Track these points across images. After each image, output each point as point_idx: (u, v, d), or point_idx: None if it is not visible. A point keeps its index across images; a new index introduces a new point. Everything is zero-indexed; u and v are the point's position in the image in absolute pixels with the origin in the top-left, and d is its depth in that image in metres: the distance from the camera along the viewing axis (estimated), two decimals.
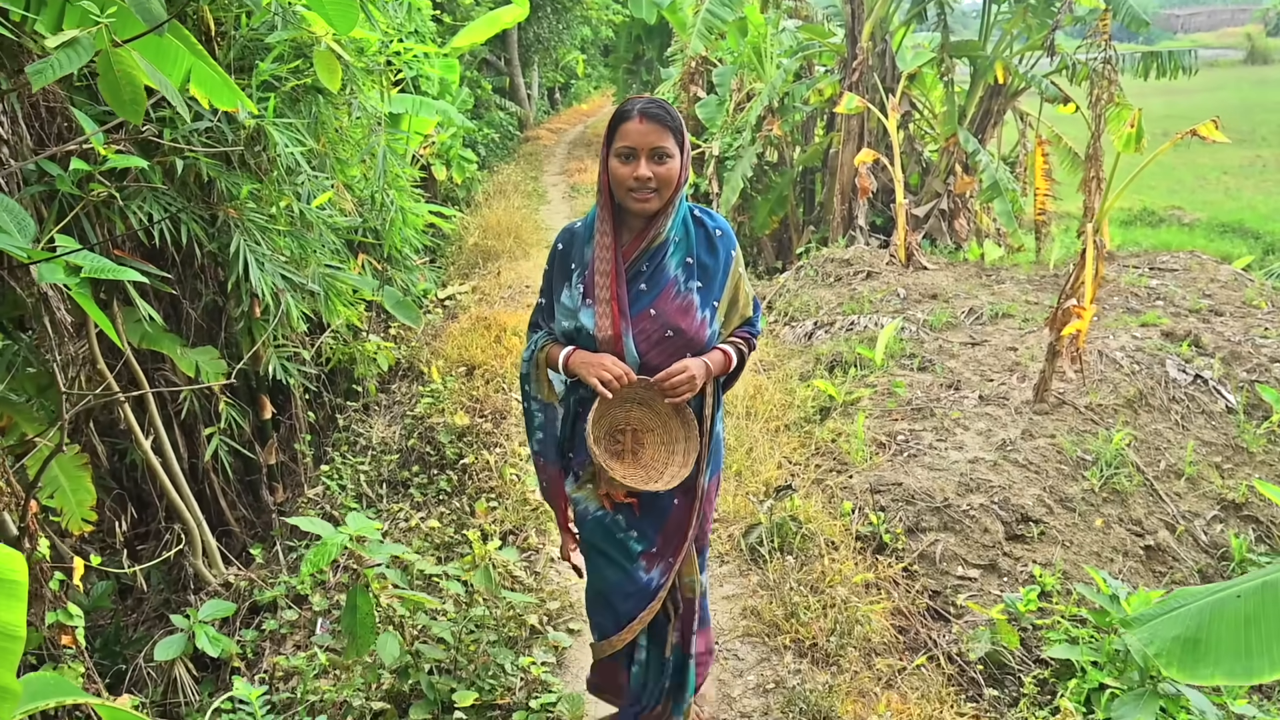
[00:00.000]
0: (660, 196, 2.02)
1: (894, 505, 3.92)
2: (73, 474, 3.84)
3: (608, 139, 2.06)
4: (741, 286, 2.23)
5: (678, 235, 2.12)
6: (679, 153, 2.03)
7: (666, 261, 2.10)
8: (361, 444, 5.18)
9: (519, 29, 17.82)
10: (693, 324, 2.09)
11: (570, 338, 2.16)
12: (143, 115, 1.53)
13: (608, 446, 2.12)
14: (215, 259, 4.06)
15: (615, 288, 2.06)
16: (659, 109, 2.00)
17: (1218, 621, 1.58)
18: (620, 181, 2.01)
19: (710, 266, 2.14)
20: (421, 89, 7.98)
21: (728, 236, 2.19)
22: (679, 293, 2.09)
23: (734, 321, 2.24)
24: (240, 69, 3.78)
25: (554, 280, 2.21)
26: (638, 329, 2.08)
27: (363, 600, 2.27)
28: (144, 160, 3.03)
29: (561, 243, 2.23)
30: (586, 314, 2.09)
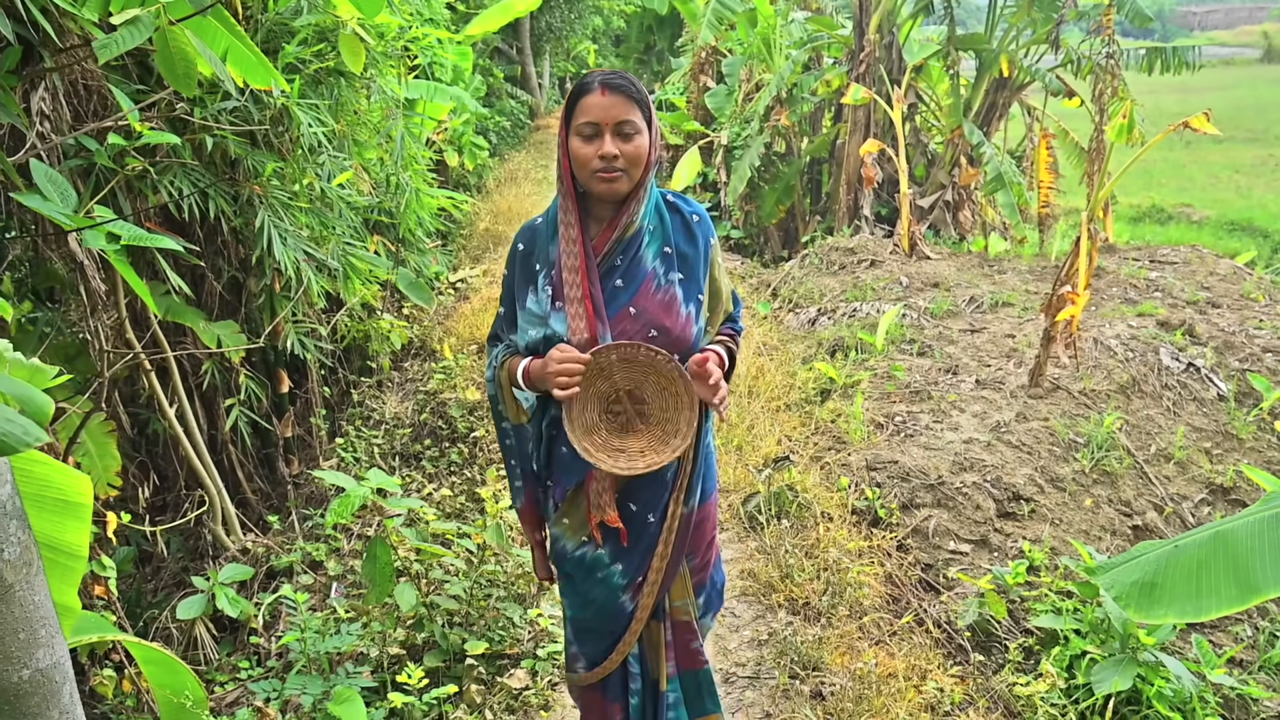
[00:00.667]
0: (629, 177, 1.82)
1: (889, 482, 4.06)
2: (100, 440, 4.01)
3: (565, 117, 1.85)
4: (721, 277, 2.03)
5: (652, 223, 1.91)
6: (647, 128, 1.84)
7: (643, 253, 1.89)
8: (375, 418, 5.33)
9: (531, 18, 17.92)
10: (678, 321, 1.86)
11: (538, 349, 1.91)
12: (194, 88, 1.67)
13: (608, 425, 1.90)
14: (238, 235, 4.21)
15: (587, 285, 1.85)
16: (622, 79, 1.82)
17: (1172, 567, 1.72)
18: (583, 163, 1.81)
19: (690, 256, 1.93)
20: (436, 75, 8.12)
21: (705, 222, 1.99)
22: (659, 286, 1.87)
23: (718, 317, 2.05)
24: (266, 52, 3.91)
25: (516, 285, 1.98)
26: (617, 330, 1.85)
27: (382, 550, 2.42)
28: (176, 137, 3.18)
29: (522, 242, 2.00)
30: (558, 318, 1.86)
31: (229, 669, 3.83)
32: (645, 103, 1.84)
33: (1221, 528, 1.75)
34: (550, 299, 1.89)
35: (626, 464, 1.86)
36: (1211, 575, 1.67)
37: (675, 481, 1.97)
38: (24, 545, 1.30)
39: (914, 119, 9.15)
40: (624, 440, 1.91)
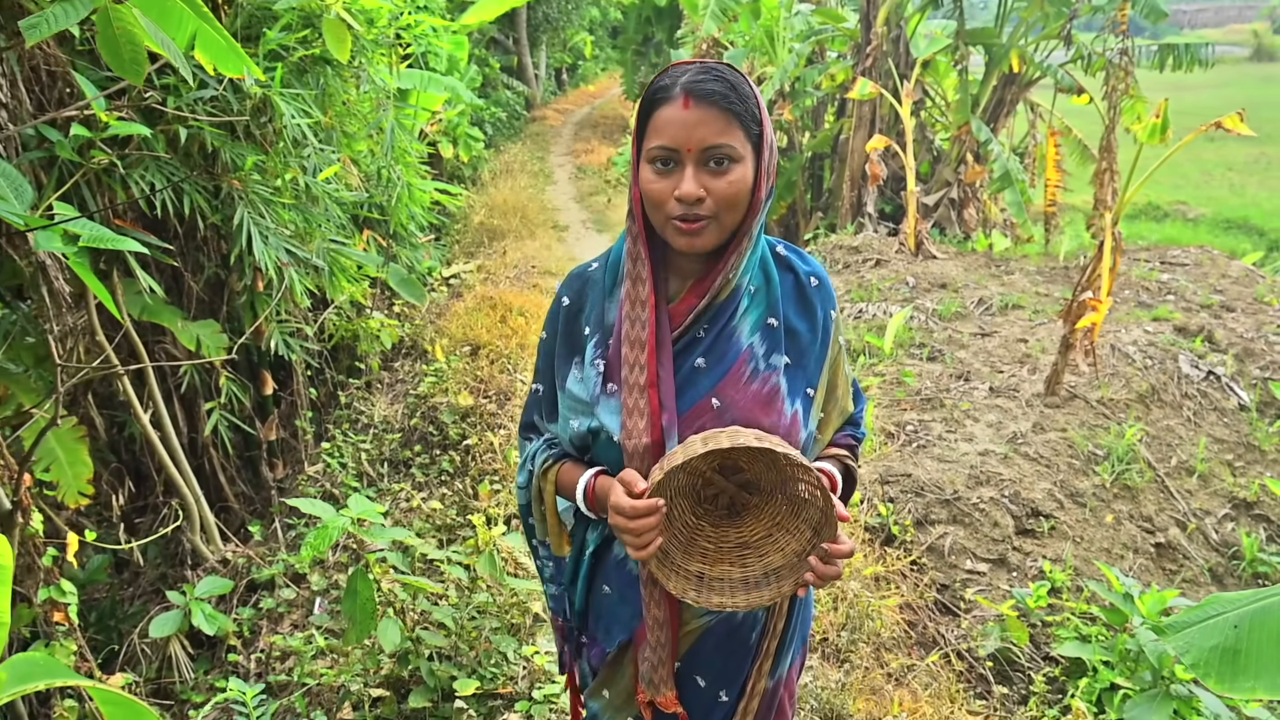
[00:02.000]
0: (719, 225, 1.30)
1: (903, 497, 3.87)
2: (70, 446, 3.78)
3: (637, 133, 1.35)
4: (841, 365, 1.49)
5: (755, 284, 1.39)
6: (754, 154, 1.30)
7: (737, 323, 1.37)
8: (363, 422, 5.12)
9: (528, 8, 17.66)
10: (779, 422, 1.34)
11: (582, 446, 1.43)
12: (144, 77, 1.46)
13: (693, 519, 1.41)
14: (218, 231, 3.98)
15: (654, 364, 1.34)
16: (716, 81, 1.27)
17: (1258, 631, 1.52)
18: (656, 202, 1.30)
19: (802, 333, 1.41)
20: (430, 65, 7.88)
21: (826, 288, 1.45)
22: (756, 371, 1.36)
23: (833, 420, 1.48)
24: (247, 38, 3.69)
25: (557, 354, 1.48)
26: (691, 432, 1.32)
27: (363, 585, 2.22)
28: (147, 128, 2.95)
29: (568, 295, 1.47)
30: (608, 408, 1.37)
31: (206, 688, 3.63)
32: (752, 115, 1.29)
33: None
34: (600, 380, 1.39)
35: (701, 593, 1.34)
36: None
37: (761, 644, 1.46)
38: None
39: (919, 115, 8.94)
40: (718, 557, 1.39)
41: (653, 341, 1.34)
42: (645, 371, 1.33)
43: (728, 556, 1.39)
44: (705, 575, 1.37)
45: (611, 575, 1.47)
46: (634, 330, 1.35)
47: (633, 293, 1.36)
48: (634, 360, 1.34)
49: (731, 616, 1.43)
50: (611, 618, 1.48)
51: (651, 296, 1.35)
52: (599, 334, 1.41)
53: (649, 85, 1.33)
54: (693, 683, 1.46)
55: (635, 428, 1.32)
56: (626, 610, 1.45)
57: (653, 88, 1.32)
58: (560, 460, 1.47)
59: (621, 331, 1.36)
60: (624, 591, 1.45)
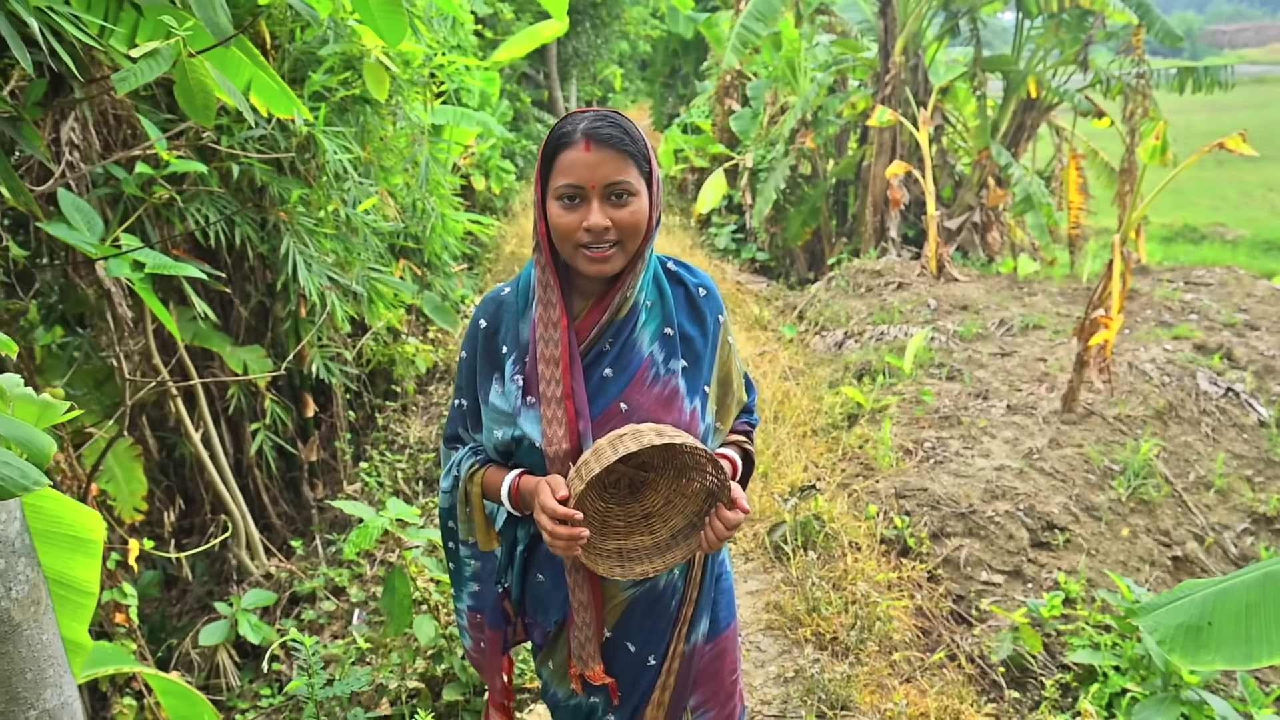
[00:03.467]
0: (624, 251, 1.47)
1: (919, 510, 3.98)
2: (126, 464, 4.03)
3: (541, 174, 1.50)
4: (733, 362, 1.68)
5: (650, 298, 1.57)
6: (646, 187, 1.49)
7: (638, 335, 1.54)
8: (399, 443, 5.33)
9: (558, 44, 18.09)
10: (680, 419, 1.52)
11: (506, 452, 1.58)
12: (213, 119, 1.67)
13: (601, 504, 1.58)
14: (265, 261, 4.23)
15: (569, 378, 1.49)
16: (611, 126, 1.45)
17: (1220, 610, 1.64)
18: (565, 234, 1.46)
19: (695, 338, 1.59)
20: (463, 101, 8.19)
21: (713, 297, 1.64)
22: (657, 376, 1.53)
23: (731, 410, 1.68)
24: (293, 80, 3.96)
25: (478, 371, 1.62)
26: (603, 434, 1.48)
27: (401, 582, 2.39)
28: (203, 165, 3.20)
29: (485, 318, 1.62)
30: (529, 418, 1.52)
31: (251, 696, 3.81)
32: (643, 154, 1.48)
33: (1272, 568, 1.67)
34: (520, 393, 1.54)
35: (624, 567, 1.53)
36: (1262, 619, 1.59)
37: (680, 611, 1.65)
38: (33, 583, 1.28)
39: (940, 140, 9.09)
40: (628, 531, 1.59)
41: (566, 358, 1.50)
42: (560, 385, 1.49)
43: (637, 528, 1.58)
44: (623, 550, 1.56)
45: (544, 566, 1.64)
46: (548, 349, 1.50)
47: (545, 315, 1.52)
48: (550, 376, 1.50)
49: (654, 586, 1.61)
50: (548, 601, 1.65)
51: (563, 318, 1.51)
52: (516, 351, 1.57)
53: (551, 131, 1.48)
54: (624, 649, 1.64)
55: (555, 435, 1.49)
56: (559, 594, 1.62)
57: (555, 134, 1.48)
58: (485, 465, 1.62)
59: (537, 350, 1.52)
60: (556, 579, 1.62)
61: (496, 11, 12.78)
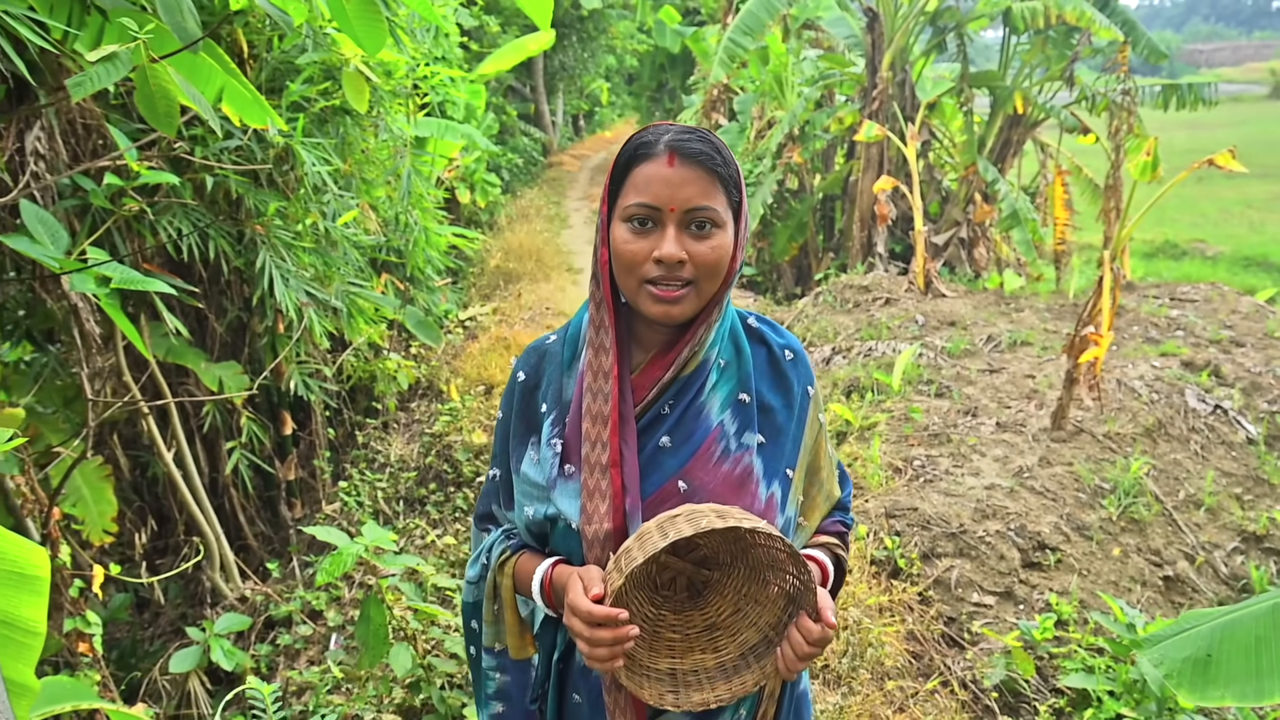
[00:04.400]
0: (698, 293, 1.22)
1: (909, 530, 3.91)
2: (95, 485, 3.91)
3: (610, 191, 1.26)
4: (824, 446, 1.39)
5: (725, 356, 1.30)
6: (733, 220, 1.24)
7: (705, 399, 1.27)
8: (380, 461, 5.22)
9: (545, 57, 18.09)
10: (754, 507, 1.24)
11: (540, 535, 1.31)
12: (176, 129, 1.59)
13: (652, 609, 1.28)
14: (241, 275, 4.14)
15: (617, 441, 1.22)
16: (702, 141, 1.20)
17: (1228, 643, 1.57)
18: (630, 265, 1.21)
19: (777, 409, 1.31)
20: (448, 114, 8.12)
21: (802, 362, 1.36)
22: (726, 452, 1.25)
23: (818, 504, 1.39)
24: (271, 90, 3.87)
25: (512, 434, 1.37)
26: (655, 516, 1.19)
27: (376, 611, 2.30)
28: (175, 177, 3.11)
29: (524, 370, 1.38)
30: (566, 492, 1.25)
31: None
32: (734, 180, 1.23)
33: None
34: (558, 461, 1.27)
35: (680, 694, 1.20)
36: (1273, 653, 1.52)
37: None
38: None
39: (927, 156, 9.09)
40: (686, 647, 1.26)
41: (615, 416, 1.22)
42: (608, 449, 1.21)
43: (697, 643, 1.26)
44: (678, 671, 1.24)
45: (579, 682, 1.32)
46: (596, 403, 1.24)
47: (595, 363, 1.25)
48: (595, 436, 1.22)
49: (715, 713, 1.28)
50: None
51: (615, 367, 1.24)
52: (556, 410, 1.30)
53: (627, 141, 1.24)
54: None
55: (596, 511, 1.20)
56: (600, 718, 1.29)
57: (632, 143, 1.23)
58: (519, 552, 1.33)
59: (582, 405, 1.25)
60: (595, 701, 1.30)
61: (482, 24, 12.76)
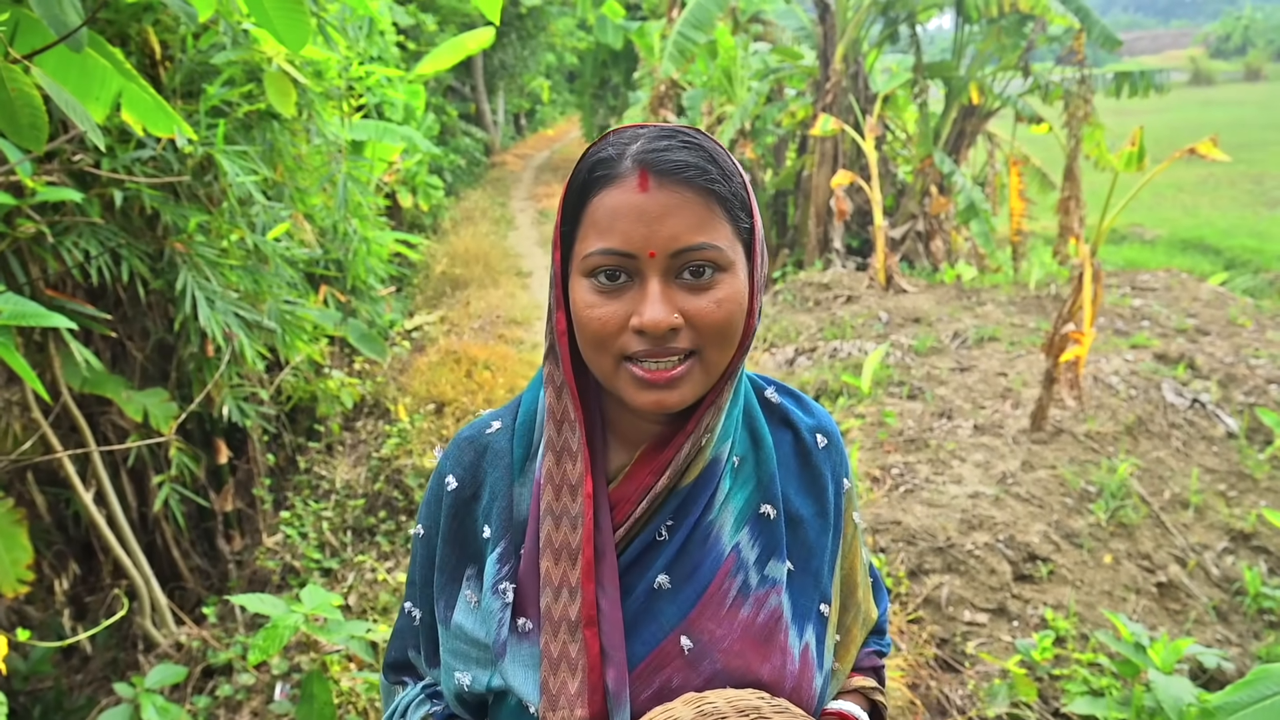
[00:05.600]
0: (703, 368, 0.86)
1: (894, 546, 3.71)
2: (6, 531, 3.52)
3: (561, 234, 0.90)
4: (858, 555, 1.04)
5: (739, 451, 0.95)
6: (745, 257, 0.88)
7: (716, 518, 0.92)
8: (324, 488, 4.87)
9: (484, 56, 17.68)
10: (785, 668, 0.90)
11: (476, 706, 0.95)
12: (44, 142, 1.28)
13: None
14: (163, 296, 3.78)
15: (593, 591, 0.87)
16: (687, 149, 0.84)
17: None
18: (597, 339, 0.85)
19: (808, 521, 0.97)
20: (385, 115, 7.75)
21: (836, 447, 1.02)
22: (746, 590, 0.91)
23: (855, 636, 1.03)
24: (189, 94, 3.52)
25: (439, 564, 0.98)
26: (650, 694, 0.88)
27: (320, 688, 2.00)
28: (78, 193, 2.76)
29: (456, 474, 0.97)
30: (520, 659, 0.89)
31: None
32: (739, 199, 0.86)
33: None
34: (509, 613, 0.90)
35: None
36: None
37: None
38: None
39: (881, 149, 8.96)
40: None
41: (590, 550, 0.86)
42: (579, 599, 0.86)
43: None
44: None
45: None
46: (560, 532, 0.88)
47: (556, 473, 0.89)
48: (560, 580, 0.87)
49: None
50: None
51: (588, 481, 0.88)
52: (506, 539, 0.92)
53: (581, 156, 0.88)
54: None
55: (564, 691, 0.85)
56: None
57: (588, 160, 0.86)
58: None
59: (541, 533, 0.89)
60: None
61: (419, 23, 12.34)
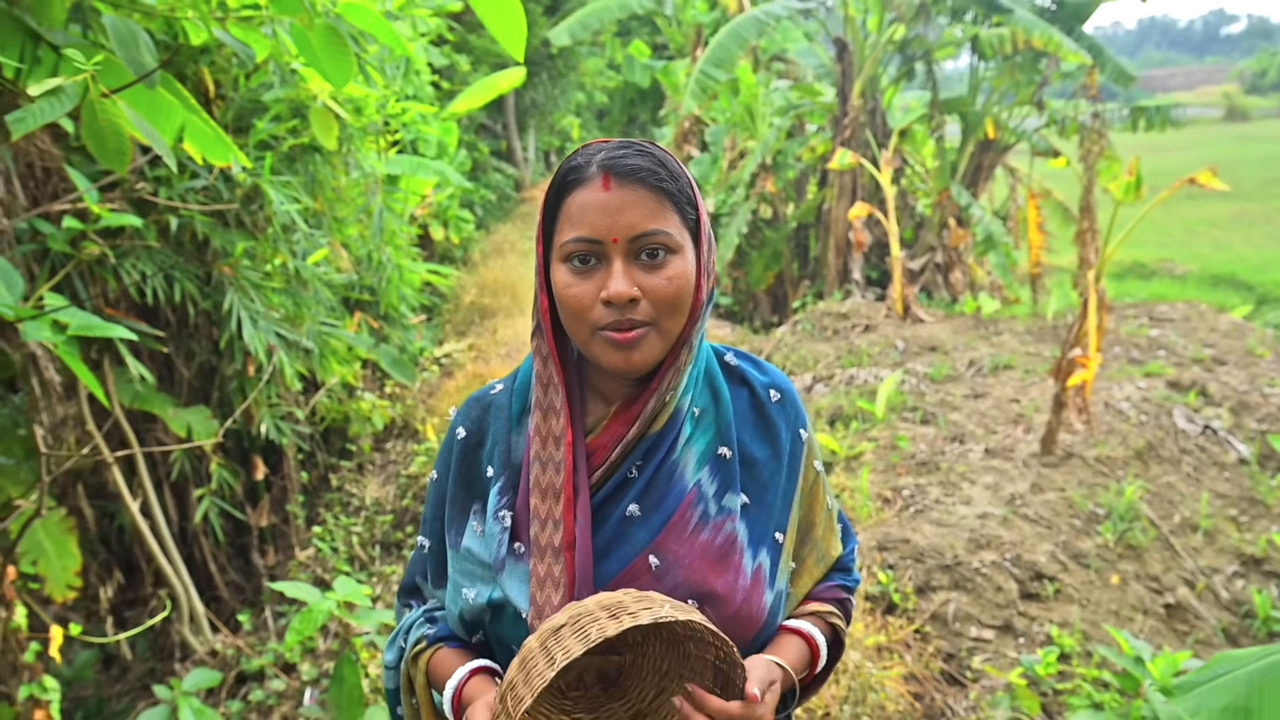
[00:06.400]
0: (659, 334, 1.05)
1: (902, 563, 3.81)
2: (58, 539, 3.74)
3: (544, 229, 1.11)
4: (819, 498, 1.22)
5: (700, 403, 1.14)
6: (692, 241, 1.07)
7: (679, 457, 1.11)
8: (355, 504, 5.06)
9: (515, 94, 18.14)
10: (738, 583, 1.08)
11: (474, 623, 1.13)
12: (127, 166, 1.48)
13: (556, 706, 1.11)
14: (209, 318, 4.01)
15: (571, 519, 1.07)
16: (641, 156, 1.04)
17: (1269, 689, 1.48)
18: (575, 311, 1.05)
19: (762, 462, 1.14)
20: (420, 151, 8.05)
21: (791, 402, 1.20)
22: (705, 517, 1.09)
23: (812, 569, 1.20)
24: (238, 129, 3.78)
25: (449, 500, 1.19)
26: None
27: (350, 671, 2.16)
28: (138, 219, 3.00)
29: (465, 425, 1.19)
30: (515, 575, 1.09)
31: None
32: (687, 197, 1.07)
33: None
34: (507, 537, 1.10)
35: None
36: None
37: None
38: None
39: (899, 182, 9.13)
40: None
41: (569, 489, 1.06)
42: (560, 528, 1.05)
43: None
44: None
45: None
46: (546, 475, 1.08)
47: (543, 427, 1.09)
48: (546, 514, 1.06)
49: None
50: None
51: (569, 431, 1.08)
52: (505, 476, 1.13)
53: (557, 169, 1.08)
54: None
55: (548, 603, 1.04)
56: None
57: (562, 170, 1.06)
58: (435, 644, 1.16)
59: (529, 473, 1.10)
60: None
61: (453, 63, 12.75)
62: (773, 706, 1.02)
